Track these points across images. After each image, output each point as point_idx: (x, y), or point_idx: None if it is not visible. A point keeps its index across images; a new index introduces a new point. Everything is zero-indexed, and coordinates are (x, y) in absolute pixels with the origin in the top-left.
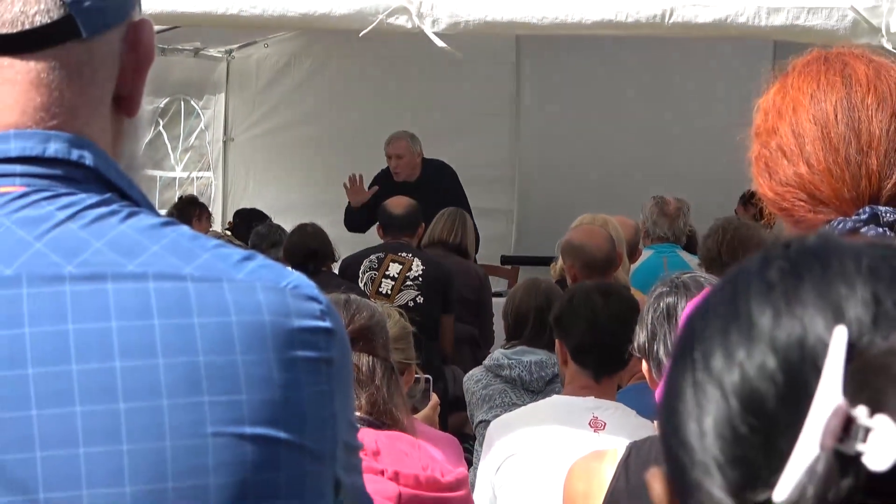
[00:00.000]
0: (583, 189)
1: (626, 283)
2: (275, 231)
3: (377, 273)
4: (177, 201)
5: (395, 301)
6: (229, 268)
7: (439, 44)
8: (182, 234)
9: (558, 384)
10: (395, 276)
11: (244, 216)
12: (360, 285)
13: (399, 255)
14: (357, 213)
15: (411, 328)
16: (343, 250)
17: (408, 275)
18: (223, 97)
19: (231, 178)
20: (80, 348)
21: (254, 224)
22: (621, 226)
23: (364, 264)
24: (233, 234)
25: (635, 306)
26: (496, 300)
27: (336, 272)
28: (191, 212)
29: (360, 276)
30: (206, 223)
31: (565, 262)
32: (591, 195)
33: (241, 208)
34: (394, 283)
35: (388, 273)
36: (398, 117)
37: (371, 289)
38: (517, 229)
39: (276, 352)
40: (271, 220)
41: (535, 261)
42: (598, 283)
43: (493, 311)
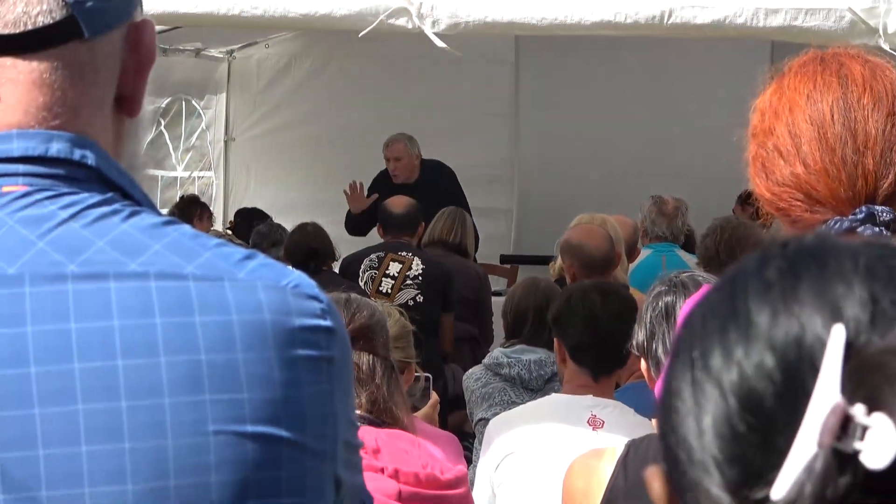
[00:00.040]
0: (582, 188)
1: (624, 283)
2: (275, 230)
3: (377, 272)
4: (178, 201)
5: (395, 300)
6: (230, 267)
7: (439, 44)
8: (183, 233)
9: (557, 382)
10: (396, 275)
11: (245, 215)
12: (361, 284)
13: (399, 254)
14: (357, 217)
15: (411, 327)
16: (343, 249)
17: (408, 274)
18: (224, 97)
19: (232, 178)
20: (83, 347)
21: (255, 223)
22: (620, 225)
23: (364, 263)
24: (234, 234)
25: (633, 305)
26: (495, 299)
27: (336, 271)
28: (192, 211)
29: (361, 275)
30: (208, 222)
31: (564, 262)
32: (589, 195)
33: (242, 207)
34: (394, 282)
35: (388, 272)
36: (398, 117)
37: (371, 288)
38: (516, 229)
39: (277, 350)
40: (272, 219)
41: (535, 260)
42: (596, 283)
43: (493, 310)
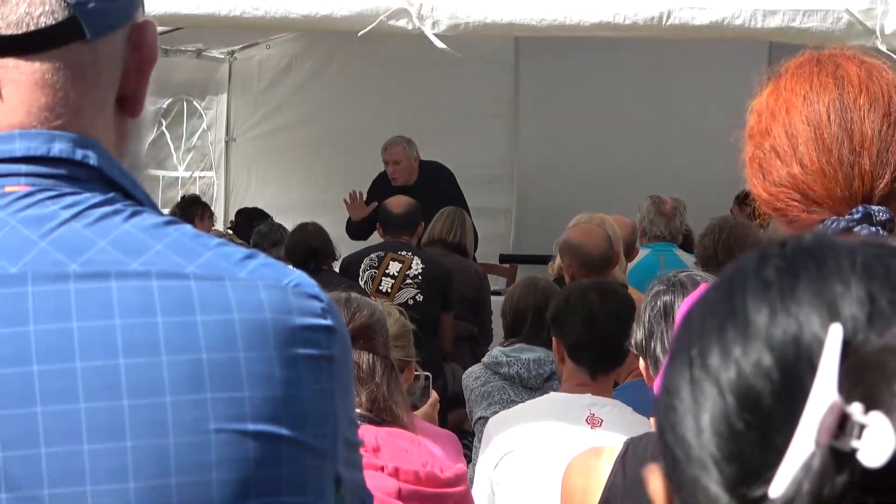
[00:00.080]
0: (580, 188)
1: (623, 282)
2: (276, 230)
3: (377, 271)
4: (179, 200)
5: (395, 299)
6: (232, 266)
7: (439, 45)
8: (185, 233)
9: (556, 381)
10: (395, 274)
11: (246, 215)
12: (361, 283)
13: (399, 253)
14: (358, 225)
15: (411, 326)
16: (344, 249)
17: (408, 273)
18: (225, 98)
19: (233, 178)
20: (85, 346)
21: (255, 223)
22: (618, 225)
23: (364, 263)
24: (235, 233)
25: (631, 304)
26: (495, 298)
27: (337, 270)
28: (193, 211)
29: (361, 274)
30: (209, 222)
31: (563, 261)
32: (588, 194)
33: (242, 207)
34: (394, 281)
35: (388, 271)
36: (398, 118)
37: (371, 287)
38: (516, 228)
39: (278, 349)
40: (273, 219)
41: (534, 259)
42: (594, 282)
43: (492, 309)
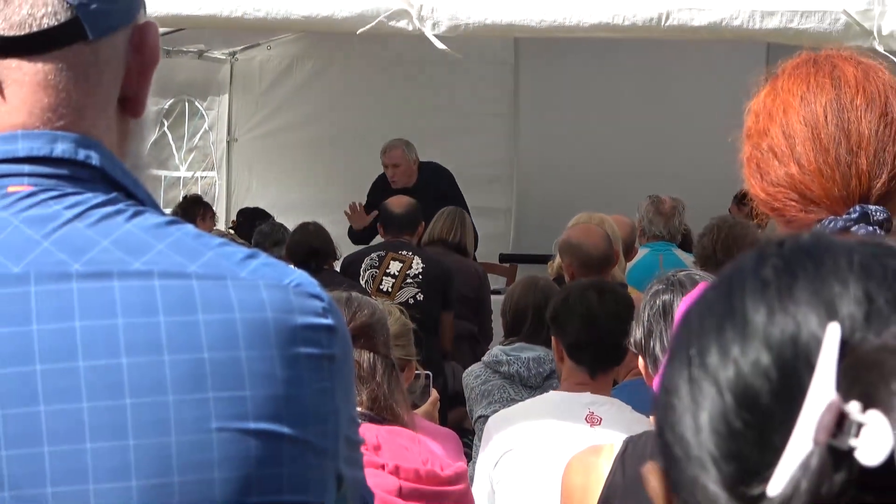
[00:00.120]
0: (580, 188)
1: (622, 281)
2: (277, 230)
3: (378, 271)
4: (181, 200)
5: (395, 298)
6: (233, 266)
7: (440, 46)
8: (186, 232)
9: (556, 380)
10: (396, 273)
11: (247, 215)
12: (362, 283)
13: (399, 253)
14: (359, 233)
15: (411, 325)
16: (344, 249)
17: (408, 273)
18: (227, 98)
19: (234, 178)
20: (87, 345)
21: (257, 223)
22: (618, 224)
23: (365, 262)
24: (236, 233)
25: (630, 303)
26: (495, 297)
27: (338, 270)
28: (195, 211)
29: (362, 273)
30: (210, 222)
31: (563, 260)
32: (588, 194)
33: (244, 207)
34: (394, 280)
35: (388, 271)
36: (399, 118)
37: (372, 286)
38: (515, 228)
39: (280, 348)
40: (274, 218)
41: (533, 259)
42: (593, 281)
43: (492, 309)
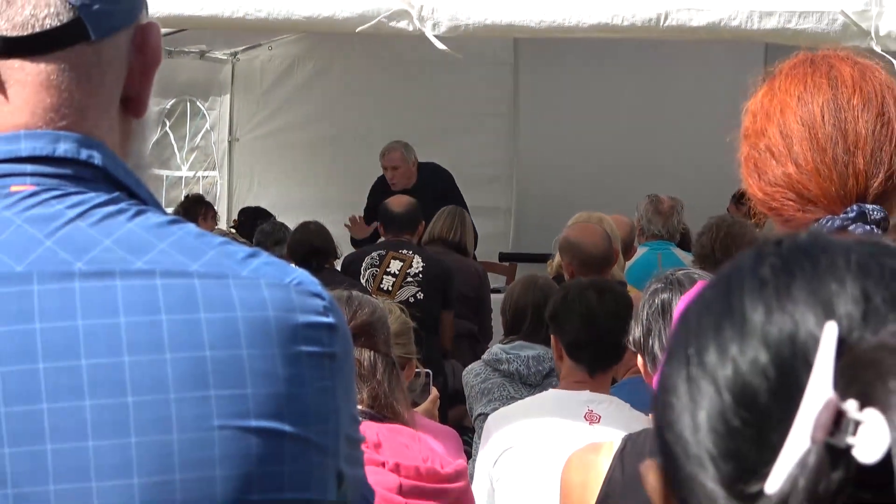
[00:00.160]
0: (579, 187)
1: (621, 280)
2: (279, 229)
3: (378, 270)
4: (183, 200)
5: (395, 297)
6: (234, 265)
7: (440, 46)
8: (188, 231)
9: (555, 378)
10: (396, 272)
11: (249, 214)
12: (362, 282)
13: (400, 252)
14: (360, 241)
15: (412, 324)
16: (345, 248)
17: (408, 272)
18: (228, 98)
19: (236, 178)
20: (90, 343)
21: (258, 222)
22: (617, 223)
23: (366, 261)
24: (237, 232)
25: (629, 302)
26: (494, 296)
27: (338, 269)
28: (197, 210)
29: (362, 272)
30: (212, 221)
31: (562, 259)
32: (587, 193)
33: (245, 207)
34: (395, 279)
35: (389, 270)
36: (399, 118)
37: (372, 285)
38: (515, 227)
39: (281, 347)
40: (275, 218)
41: (533, 258)
42: (592, 280)
43: (492, 307)
